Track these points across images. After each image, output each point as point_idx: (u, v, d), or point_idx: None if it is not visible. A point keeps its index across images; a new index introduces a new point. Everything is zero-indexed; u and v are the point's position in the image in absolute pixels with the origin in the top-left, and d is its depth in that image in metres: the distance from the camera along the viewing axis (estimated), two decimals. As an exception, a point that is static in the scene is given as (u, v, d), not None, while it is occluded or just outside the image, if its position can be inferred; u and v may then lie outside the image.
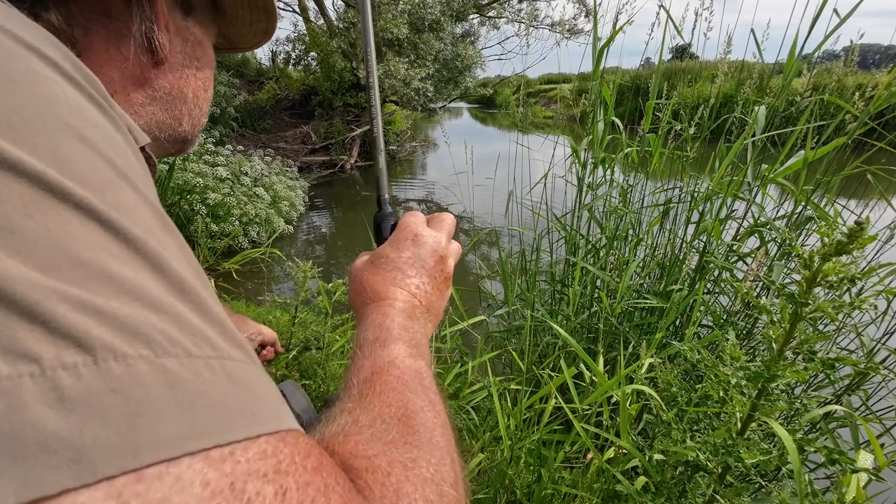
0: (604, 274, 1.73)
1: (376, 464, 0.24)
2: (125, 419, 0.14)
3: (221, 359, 0.17)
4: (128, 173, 0.19)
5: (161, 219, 0.20)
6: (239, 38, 0.44)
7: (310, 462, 0.18)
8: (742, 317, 1.73)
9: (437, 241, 0.46)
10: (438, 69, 9.56)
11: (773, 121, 1.58)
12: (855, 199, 1.84)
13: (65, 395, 0.13)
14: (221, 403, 0.16)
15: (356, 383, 0.33)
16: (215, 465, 0.14)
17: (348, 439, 0.26)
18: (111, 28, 0.30)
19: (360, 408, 0.30)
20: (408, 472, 0.24)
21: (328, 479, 0.18)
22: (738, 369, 0.82)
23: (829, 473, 1.44)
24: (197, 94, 0.38)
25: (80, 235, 0.16)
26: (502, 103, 20.30)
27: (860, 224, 0.62)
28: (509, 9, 11.98)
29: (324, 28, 9.84)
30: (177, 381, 0.15)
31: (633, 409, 1.20)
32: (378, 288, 0.42)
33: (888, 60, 2.10)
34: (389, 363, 0.34)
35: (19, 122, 0.16)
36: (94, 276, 0.15)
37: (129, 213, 0.18)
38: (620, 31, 1.69)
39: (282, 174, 5.59)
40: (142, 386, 0.14)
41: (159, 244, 0.18)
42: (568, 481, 1.25)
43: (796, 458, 0.73)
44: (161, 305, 0.17)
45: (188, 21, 0.36)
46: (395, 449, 0.26)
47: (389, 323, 0.39)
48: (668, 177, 1.94)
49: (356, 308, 0.43)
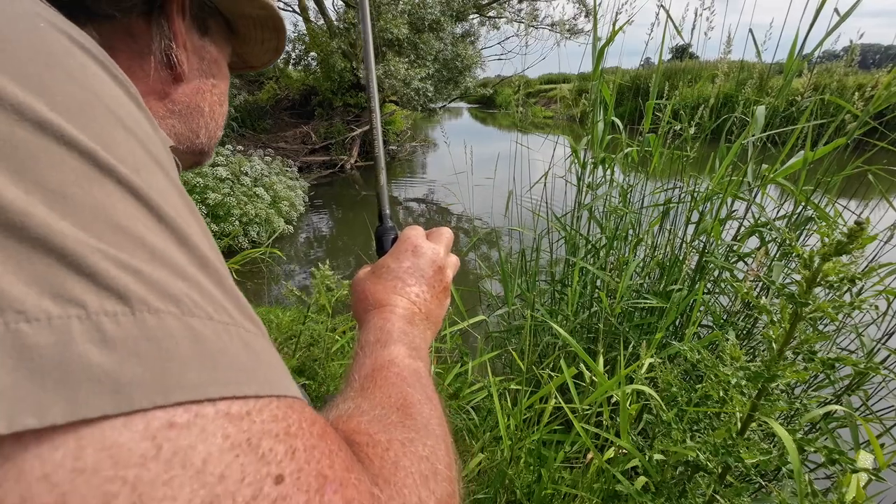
0: (604, 274, 1.73)
1: (376, 439, 0.26)
2: (158, 363, 0.15)
3: (237, 326, 0.19)
4: (160, 161, 0.22)
5: (187, 204, 0.22)
6: (251, 56, 0.47)
7: (315, 429, 0.19)
8: (742, 317, 1.73)
9: (436, 252, 0.48)
10: (438, 69, 9.56)
11: (774, 121, 1.58)
12: (856, 199, 1.84)
13: (107, 336, 0.15)
14: (238, 362, 0.18)
15: (357, 378, 0.35)
16: (234, 422, 0.16)
17: (351, 419, 0.28)
18: (134, 48, 0.32)
19: (362, 397, 0.32)
20: (405, 449, 0.26)
21: (332, 446, 0.20)
22: (738, 369, 0.82)
23: (829, 473, 1.44)
24: (213, 109, 0.40)
25: (120, 207, 0.18)
26: (502, 103, 20.30)
27: (860, 224, 0.62)
28: (509, 9, 11.99)
29: (324, 28, 9.84)
30: (200, 337, 0.17)
31: (633, 409, 1.20)
32: (379, 296, 0.44)
33: (888, 60, 2.11)
34: (389, 361, 0.36)
35: (75, 106, 0.18)
36: (131, 242, 0.17)
37: (160, 193, 0.20)
38: (620, 31, 1.69)
39: (282, 174, 5.59)
40: (171, 337, 0.16)
41: (185, 223, 0.20)
42: (568, 481, 1.25)
43: (796, 458, 0.73)
44: (186, 274, 0.19)
45: (204, 41, 0.38)
46: (393, 429, 0.28)
47: (390, 327, 0.41)
48: (668, 177, 1.94)
49: (358, 315, 0.45)
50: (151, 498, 0.13)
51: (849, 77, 1.66)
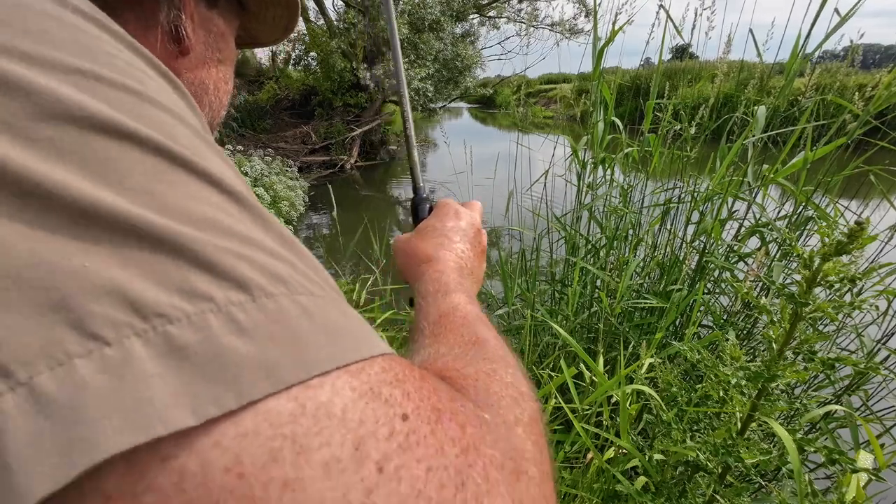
0: (604, 274, 1.73)
1: (464, 373, 0.28)
2: (289, 344, 0.17)
3: (330, 297, 0.20)
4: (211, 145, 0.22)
5: (244, 183, 0.22)
6: (260, 32, 0.45)
7: (416, 373, 0.21)
8: (742, 317, 1.73)
9: (473, 217, 0.53)
10: (438, 69, 9.56)
11: (775, 121, 1.58)
12: (857, 199, 1.84)
13: (241, 326, 0.16)
14: (347, 330, 0.20)
15: (427, 325, 0.37)
16: (356, 376, 0.18)
17: (435, 362, 0.31)
18: (141, 18, 0.31)
19: (437, 342, 0.34)
20: (491, 378, 0.28)
21: (433, 384, 0.22)
22: (738, 369, 0.82)
23: (829, 473, 1.44)
24: (218, 86, 0.39)
25: (205, 196, 0.19)
26: (502, 103, 20.28)
27: (860, 224, 0.62)
28: (509, 9, 11.98)
29: (324, 28, 9.85)
30: (312, 314, 0.18)
31: (633, 409, 1.20)
32: (429, 251, 0.48)
33: (888, 60, 2.11)
34: (453, 308, 0.39)
35: (130, 103, 0.19)
36: (227, 230, 0.18)
37: (229, 177, 0.21)
38: (620, 31, 1.69)
39: (282, 174, 5.59)
40: (290, 318, 0.18)
41: (258, 203, 0.21)
42: (568, 481, 1.25)
43: (796, 458, 0.73)
44: (280, 254, 0.20)
45: (212, 12, 0.37)
46: (475, 363, 0.30)
47: (446, 278, 0.44)
48: (669, 177, 1.94)
49: (409, 271, 0.49)
50: (309, 447, 0.15)
51: (850, 77, 1.66)
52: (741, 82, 1.79)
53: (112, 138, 0.17)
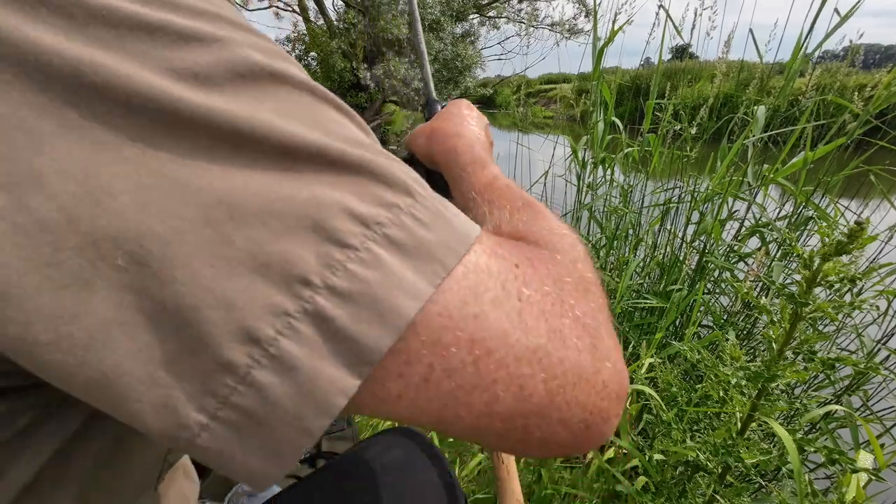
0: (604, 274, 1.73)
1: (532, 230, 0.33)
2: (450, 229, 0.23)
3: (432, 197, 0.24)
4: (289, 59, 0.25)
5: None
6: None
7: (499, 238, 0.27)
8: (742, 317, 1.73)
9: (481, 115, 0.57)
10: (438, 69, 9.56)
11: (775, 121, 1.58)
12: (857, 199, 1.84)
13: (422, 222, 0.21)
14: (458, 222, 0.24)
15: (476, 195, 0.41)
16: (482, 243, 0.24)
17: (506, 228, 0.36)
18: None
19: (495, 209, 0.38)
20: (551, 232, 0.33)
21: (514, 243, 0.28)
22: (738, 369, 0.82)
23: (829, 473, 1.44)
24: None
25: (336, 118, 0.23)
26: (502, 103, 20.24)
27: (860, 224, 0.62)
28: (509, 9, 11.98)
29: (324, 28, 9.85)
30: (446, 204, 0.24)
31: (633, 409, 1.20)
32: (452, 129, 0.51)
33: (888, 60, 2.11)
34: (494, 177, 0.43)
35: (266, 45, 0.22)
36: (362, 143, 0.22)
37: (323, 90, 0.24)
38: (620, 31, 1.69)
39: (282, 174, 5.58)
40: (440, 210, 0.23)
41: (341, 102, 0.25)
42: (568, 481, 1.25)
43: (796, 458, 0.73)
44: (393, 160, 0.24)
45: None
46: (533, 224, 0.35)
47: (477, 151, 0.47)
48: (669, 177, 1.94)
49: (435, 149, 0.51)
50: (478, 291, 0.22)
51: (850, 77, 1.66)
52: (741, 82, 1.79)
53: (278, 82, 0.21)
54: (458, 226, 0.23)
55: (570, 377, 0.23)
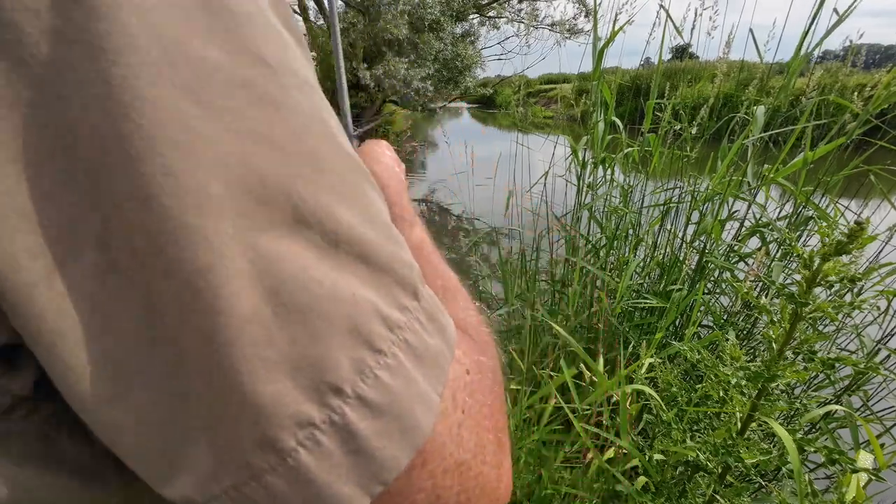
0: (604, 274, 1.73)
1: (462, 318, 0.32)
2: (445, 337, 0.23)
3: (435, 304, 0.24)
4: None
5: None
6: None
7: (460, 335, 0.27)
8: (742, 317, 1.73)
9: (398, 159, 0.56)
10: (438, 69, 9.57)
11: (775, 121, 1.58)
12: (857, 199, 1.84)
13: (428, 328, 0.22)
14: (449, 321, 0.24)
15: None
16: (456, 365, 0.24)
17: None
18: None
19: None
20: (468, 316, 0.33)
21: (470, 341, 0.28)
22: (738, 369, 0.82)
23: (829, 473, 1.44)
24: None
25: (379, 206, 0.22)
26: (502, 103, 20.24)
27: (860, 224, 0.62)
28: (509, 9, 11.99)
29: (324, 28, 9.85)
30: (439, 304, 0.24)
31: (633, 409, 1.20)
32: (384, 176, 0.48)
33: (888, 60, 2.11)
34: (421, 241, 0.42)
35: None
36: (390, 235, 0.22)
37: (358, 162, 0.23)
38: (620, 31, 1.69)
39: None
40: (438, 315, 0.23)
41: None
42: (568, 481, 1.25)
43: (796, 458, 0.73)
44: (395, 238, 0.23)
45: None
46: (455, 304, 0.34)
47: (405, 203, 0.46)
48: (669, 177, 1.94)
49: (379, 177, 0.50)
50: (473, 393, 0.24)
51: (850, 77, 1.66)
52: (741, 82, 1.79)
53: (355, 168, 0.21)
54: (446, 325, 0.23)
55: (477, 491, 0.23)
